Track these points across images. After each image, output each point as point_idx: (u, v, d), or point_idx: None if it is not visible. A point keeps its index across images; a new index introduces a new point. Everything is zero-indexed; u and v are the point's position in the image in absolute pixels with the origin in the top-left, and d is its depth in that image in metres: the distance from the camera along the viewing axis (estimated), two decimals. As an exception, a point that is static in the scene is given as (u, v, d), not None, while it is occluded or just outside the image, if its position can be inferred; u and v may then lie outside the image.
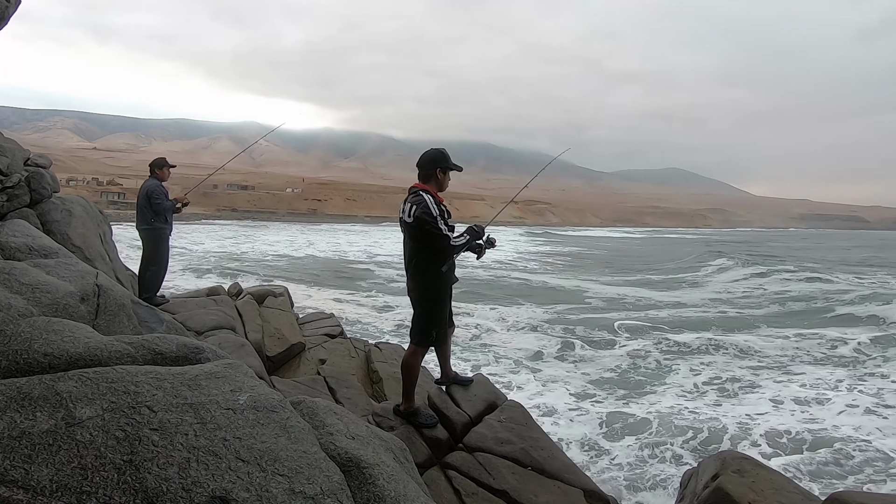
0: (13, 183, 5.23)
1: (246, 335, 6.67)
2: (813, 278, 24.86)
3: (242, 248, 38.86)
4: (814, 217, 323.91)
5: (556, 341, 12.65)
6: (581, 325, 14.48)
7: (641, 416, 7.94)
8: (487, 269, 27.08)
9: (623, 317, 16.05)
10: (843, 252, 54.66)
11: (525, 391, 9.05)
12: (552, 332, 13.77)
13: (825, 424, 7.72)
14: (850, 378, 10.08)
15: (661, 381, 10.13)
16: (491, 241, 4.00)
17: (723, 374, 10.29)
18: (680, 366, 10.93)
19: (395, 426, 3.90)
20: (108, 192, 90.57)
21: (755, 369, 10.73)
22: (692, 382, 9.88)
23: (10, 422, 1.48)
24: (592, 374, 10.41)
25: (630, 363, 11.15)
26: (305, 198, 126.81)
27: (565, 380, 9.91)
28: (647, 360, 11.38)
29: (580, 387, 9.54)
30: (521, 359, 11.14)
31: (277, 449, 1.68)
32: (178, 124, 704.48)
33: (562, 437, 7.16)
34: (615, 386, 9.72)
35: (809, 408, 8.45)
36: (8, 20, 5.10)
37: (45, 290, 2.55)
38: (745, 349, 12.14)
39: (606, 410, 8.23)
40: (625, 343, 12.74)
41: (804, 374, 10.34)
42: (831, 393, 9.14)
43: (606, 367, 10.84)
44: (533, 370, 10.41)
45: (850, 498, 3.44)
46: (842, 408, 8.39)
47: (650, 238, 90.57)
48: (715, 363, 11.17)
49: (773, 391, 9.26)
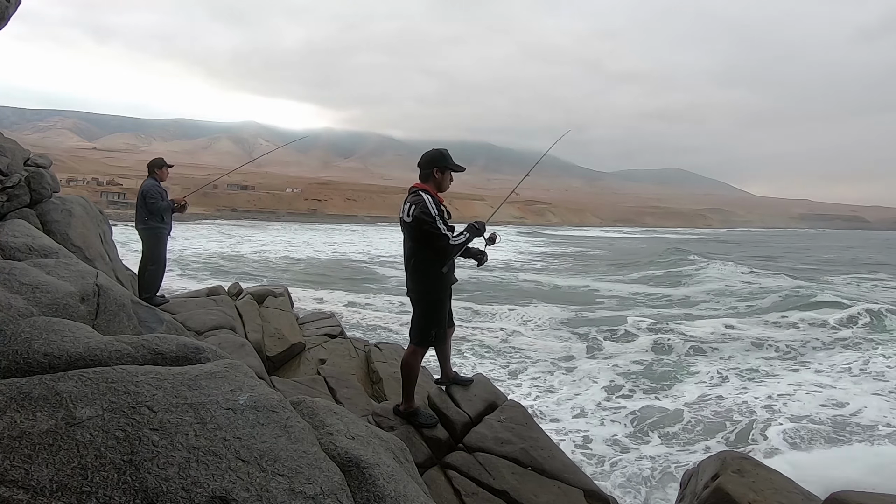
0: (13, 183, 5.23)
1: (246, 335, 6.67)
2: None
3: (244, 248, 38.81)
4: (814, 217, 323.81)
5: (581, 340, 13.13)
6: (600, 324, 14.96)
7: (673, 409, 8.50)
8: (494, 272, 27.31)
9: (636, 313, 16.57)
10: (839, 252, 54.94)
11: (561, 393, 9.42)
12: (575, 331, 14.17)
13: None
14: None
15: (686, 371, 10.78)
16: (492, 238, 3.98)
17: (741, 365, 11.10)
18: (699, 358, 11.64)
19: (395, 426, 3.89)
20: (108, 192, 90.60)
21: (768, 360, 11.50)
22: (715, 370, 10.57)
23: (10, 422, 1.47)
24: (621, 368, 10.91)
25: (654, 357, 11.73)
26: (305, 198, 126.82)
27: (596, 377, 10.35)
28: (670, 354, 11.99)
29: (612, 382, 10.05)
30: (555, 360, 11.48)
31: (277, 449, 1.68)
32: (178, 124, 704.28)
33: (596, 435, 7.54)
34: (644, 379, 10.30)
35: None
36: (8, 20, 5.11)
37: (45, 290, 2.55)
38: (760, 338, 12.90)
39: (637, 406, 8.70)
40: (644, 338, 13.26)
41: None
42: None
43: (632, 361, 11.40)
44: (567, 370, 10.77)
45: (850, 498, 3.44)
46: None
47: (627, 238, 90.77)
48: (731, 354, 11.92)
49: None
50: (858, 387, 9.47)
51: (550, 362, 11.21)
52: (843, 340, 13.08)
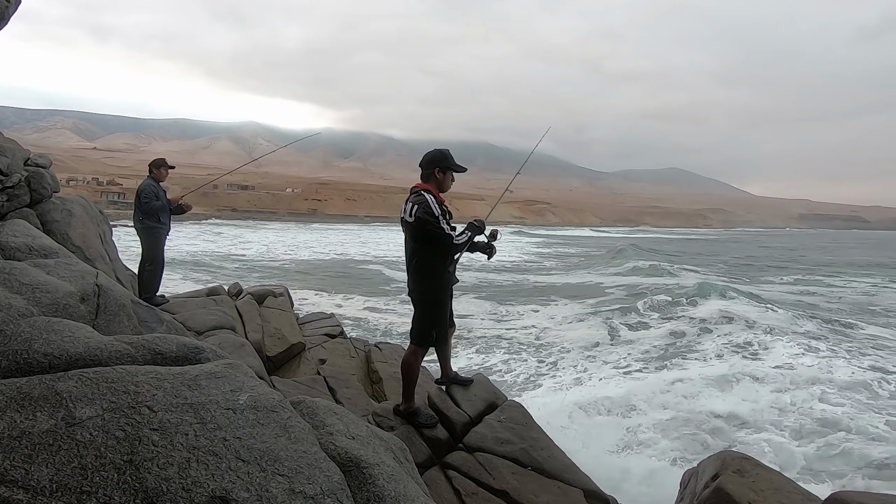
0: (13, 183, 5.24)
1: (246, 335, 6.67)
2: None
3: (244, 248, 38.76)
4: (814, 217, 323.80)
5: (604, 329, 14.04)
6: (616, 313, 15.98)
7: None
8: (502, 273, 27.62)
9: (645, 302, 17.66)
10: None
11: (595, 380, 9.98)
12: (597, 321, 15.12)
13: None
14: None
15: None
16: (493, 235, 3.97)
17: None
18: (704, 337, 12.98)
19: (395, 426, 3.89)
20: (108, 192, 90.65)
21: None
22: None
23: (10, 422, 1.47)
24: (640, 352, 11.81)
25: (670, 341, 12.83)
26: (305, 198, 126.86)
27: (621, 363, 11.04)
28: (684, 337, 13.15)
29: (635, 364, 10.82)
30: (582, 349, 12.21)
31: (277, 449, 1.68)
32: (178, 124, 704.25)
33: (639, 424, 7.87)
34: (659, 359, 11.24)
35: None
36: (8, 20, 5.11)
37: (45, 290, 2.55)
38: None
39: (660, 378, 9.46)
40: (657, 324, 14.65)
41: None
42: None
43: (652, 345, 12.46)
44: (593, 358, 11.46)
45: (850, 498, 3.44)
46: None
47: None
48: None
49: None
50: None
51: (578, 351, 12.02)
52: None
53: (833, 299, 20.69)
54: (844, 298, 20.87)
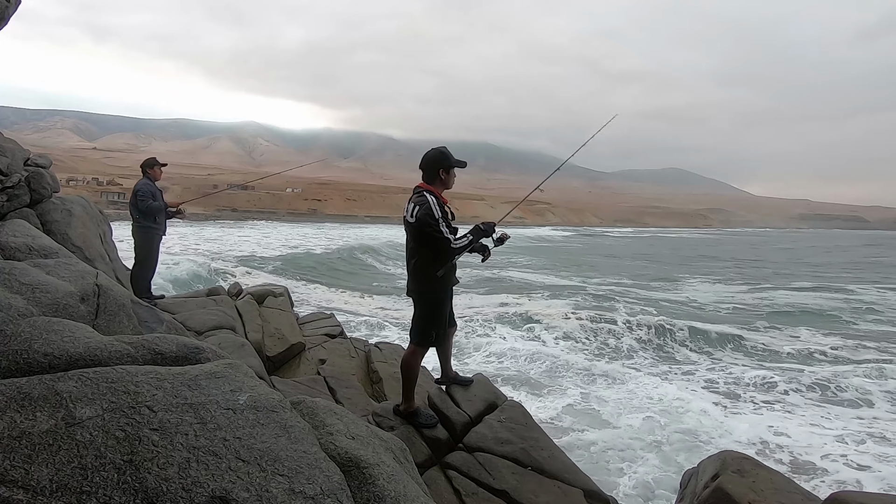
0: (13, 183, 5.24)
1: (246, 335, 6.67)
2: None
3: (245, 249, 38.69)
4: (814, 217, 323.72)
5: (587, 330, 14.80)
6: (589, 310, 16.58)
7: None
8: (510, 275, 27.93)
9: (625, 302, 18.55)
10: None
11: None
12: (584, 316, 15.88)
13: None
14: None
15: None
16: (502, 239, 3.93)
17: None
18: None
19: (395, 426, 3.89)
20: (108, 192, 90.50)
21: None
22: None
23: (10, 422, 1.47)
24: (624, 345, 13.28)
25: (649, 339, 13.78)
26: (305, 198, 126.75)
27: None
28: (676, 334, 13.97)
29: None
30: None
31: (277, 449, 1.68)
32: (178, 124, 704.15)
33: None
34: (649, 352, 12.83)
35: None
36: (8, 20, 5.10)
37: (45, 290, 2.55)
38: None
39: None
40: (628, 319, 15.28)
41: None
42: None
43: (640, 339, 13.72)
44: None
45: (850, 498, 3.44)
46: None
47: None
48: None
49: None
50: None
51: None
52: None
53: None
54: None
